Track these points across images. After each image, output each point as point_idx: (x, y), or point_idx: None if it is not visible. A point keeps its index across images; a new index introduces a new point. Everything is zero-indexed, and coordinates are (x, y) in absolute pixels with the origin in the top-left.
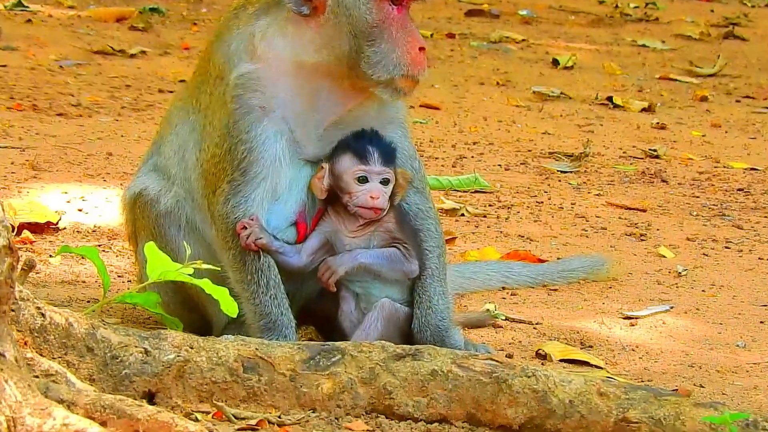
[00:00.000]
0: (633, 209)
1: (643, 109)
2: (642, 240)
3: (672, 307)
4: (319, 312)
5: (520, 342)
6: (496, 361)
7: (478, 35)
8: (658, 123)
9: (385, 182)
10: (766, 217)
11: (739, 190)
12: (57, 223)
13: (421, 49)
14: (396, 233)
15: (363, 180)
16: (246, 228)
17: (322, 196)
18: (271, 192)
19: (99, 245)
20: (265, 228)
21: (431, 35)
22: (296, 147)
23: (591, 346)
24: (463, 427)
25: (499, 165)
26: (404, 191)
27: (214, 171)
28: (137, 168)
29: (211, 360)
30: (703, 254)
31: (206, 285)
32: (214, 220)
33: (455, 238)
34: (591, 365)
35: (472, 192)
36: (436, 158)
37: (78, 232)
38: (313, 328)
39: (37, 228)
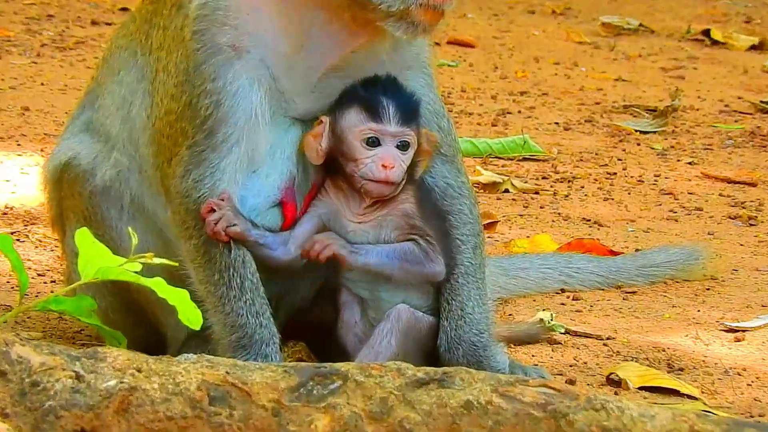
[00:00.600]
0: (739, 183)
1: (752, 47)
2: (751, 225)
3: None
4: (312, 323)
5: (585, 363)
6: (553, 388)
7: None
8: None
9: (403, 147)
10: None
11: None
12: None
13: None
14: (415, 219)
15: (373, 143)
16: (214, 211)
17: (319, 161)
18: (247, 161)
19: (12, 233)
20: (239, 210)
21: None
22: (280, 100)
23: (681, 369)
24: None
25: (557, 123)
26: (428, 160)
27: (169, 132)
28: (63, 128)
29: (166, 388)
30: None
31: (159, 286)
32: (170, 198)
33: (497, 222)
34: (681, 394)
35: (519, 159)
36: (470, 114)
37: None
38: (303, 344)
39: None
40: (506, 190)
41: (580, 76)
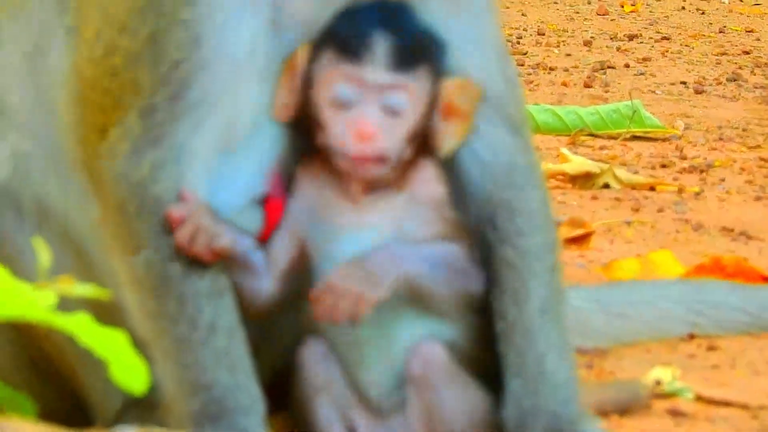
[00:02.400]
0: None
1: None
2: None
3: None
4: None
5: None
6: None
7: None
8: None
9: (391, 109)
10: None
11: None
12: None
13: None
14: (449, 210)
15: (346, 99)
16: (187, 220)
17: (284, 118)
18: (225, 135)
19: None
20: (214, 211)
21: None
22: (282, 38)
23: None
24: None
25: (684, 83)
26: (468, 123)
27: (108, 86)
28: None
29: None
30: None
31: (82, 329)
32: (102, 189)
33: (591, 234)
34: None
35: (626, 138)
36: (552, 69)
37: None
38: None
39: None
40: (606, 185)
41: (720, 10)
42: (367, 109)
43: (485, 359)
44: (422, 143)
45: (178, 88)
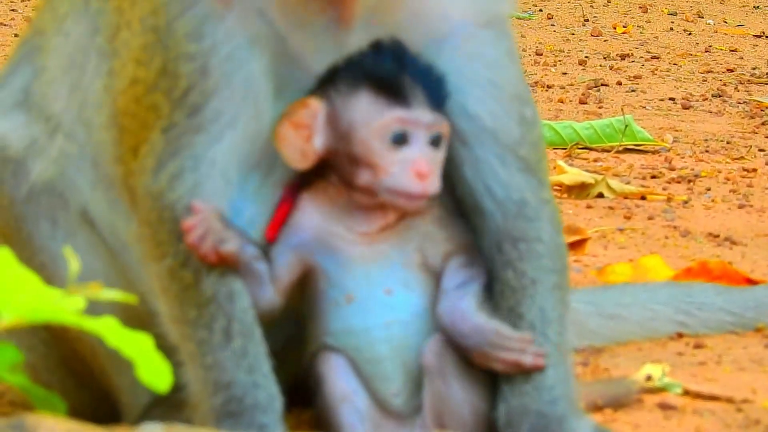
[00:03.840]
0: None
1: None
2: None
3: None
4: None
5: None
6: None
7: None
8: None
9: (435, 142)
10: None
11: None
12: None
13: None
14: (450, 225)
15: (401, 140)
16: (199, 223)
17: (306, 165)
18: (245, 152)
19: None
20: (226, 217)
21: None
22: (292, 67)
23: None
24: None
25: (672, 99)
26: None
27: (136, 110)
28: None
29: None
30: None
31: (110, 332)
32: (137, 203)
33: (586, 240)
34: None
35: (618, 151)
36: (549, 87)
37: None
38: (314, 412)
39: None
40: (600, 195)
41: (705, 31)
42: (423, 150)
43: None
44: None
45: (192, 110)
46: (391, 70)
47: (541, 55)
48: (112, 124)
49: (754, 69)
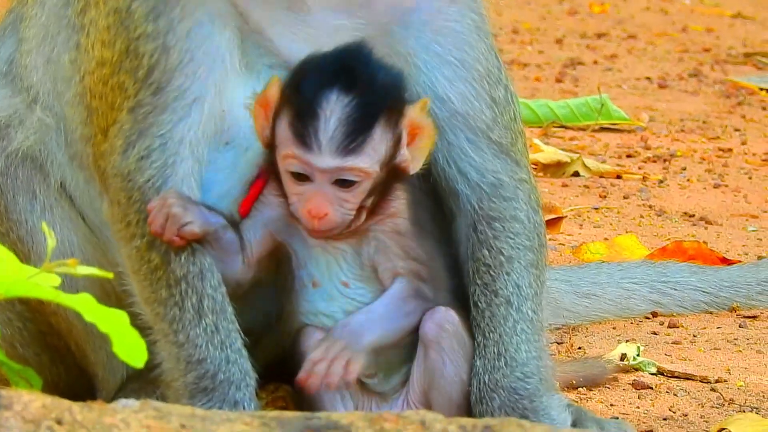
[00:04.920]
0: None
1: None
2: None
3: None
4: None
5: (685, 416)
6: None
7: None
8: None
9: (344, 183)
10: None
11: None
12: None
13: None
14: (409, 238)
15: (299, 177)
16: (159, 210)
17: (265, 144)
18: (214, 128)
19: None
20: (186, 197)
21: None
22: (257, 42)
23: None
24: None
25: (648, 78)
26: (433, 136)
27: (103, 91)
28: None
29: None
30: None
31: (86, 307)
32: (107, 184)
33: (562, 218)
34: None
35: (594, 130)
36: (525, 65)
37: None
38: (288, 388)
39: None
40: (576, 174)
41: (682, 11)
42: (320, 190)
43: None
44: (390, 178)
45: (156, 88)
46: (307, 108)
47: (518, 33)
48: (80, 101)
49: (730, 49)
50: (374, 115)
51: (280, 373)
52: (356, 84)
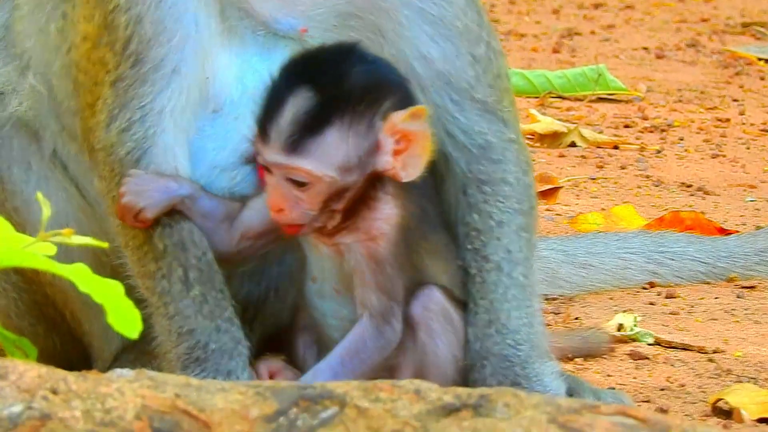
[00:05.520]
0: None
1: None
2: None
3: None
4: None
5: (682, 386)
6: (635, 417)
7: None
8: None
9: (298, 183)
10: None
11: None
12: None
13: None
14: (386, 266)
15: (266, 168)
16: (126, 190)
17: None
18: (199, 95)
19: None
20: (158, 175)
21: None
22: (238, 8)
23: None
24: None
25: (645, 48)
26: (429, 144)
27: (87, 67)
28: None
29: (92, 416)
30: None
31: (81, 277)
32: (95, 159)
33: (558, 189)
34: None
35: (591, 100)
36: (522, 36)
37: None
38: (284, 358)
39: None
40: (573, 144)
41: None
42: (277, 185)
43: None
44: (373, 185)
45: (134, 60)
46: (270, 98)
47: (515, 3)
48: (67, 74)
49: (728, 19)
50: (329, 117)
51: (278, 346)
52: (323, 82)
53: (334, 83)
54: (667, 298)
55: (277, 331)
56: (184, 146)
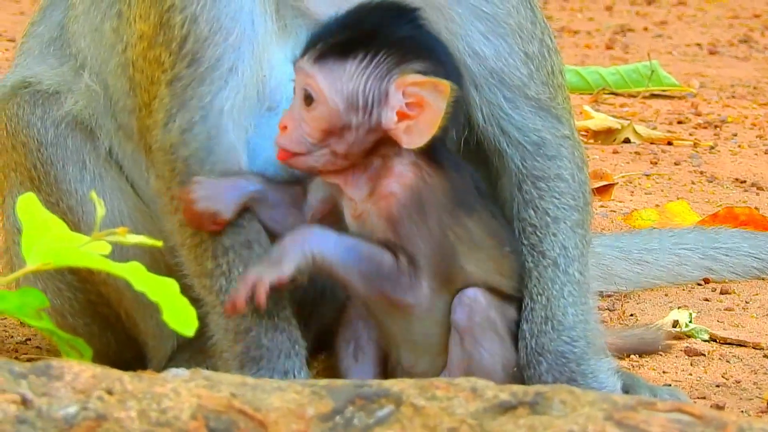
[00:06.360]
0: None
1: None
2: None
3: None
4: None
5: (738, 383)
6: (692, 414)
7: None
8: None
9: (308, 100)
10: None
11: None
12: None
13: None
14: (402, 225)
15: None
16: (188, 202)
17: None
18: (255, 94)
19: None
20: (224, 176)
21: None
22: (292, 7)
23: None
24: None
25: (699, 44)
26: (438, 119)
27: (143, 66)
28: (19, 49)
29: (148, 416)
30: None
31: (136, 276)
32: (153, 159)
33: (613, 185)
34: None
35: (645, 96)
36: (576, 32)
37: None
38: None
39: None
40: (627, 140)
41: None
42: (293, 105)
43: None
44: (378, 141)
45: (191, 59)
46: (324, 23)
47: (568, 0)
48: (123, 72)
49: None
50: (357, 48)
51: (332, 343)
52: (371, 19)
53: (379, 24)
54: (721, 294)
55: (331, 328)
56: (243, 144)
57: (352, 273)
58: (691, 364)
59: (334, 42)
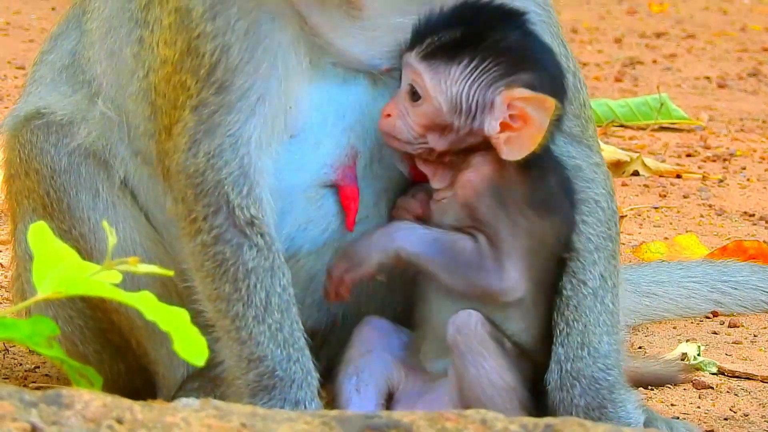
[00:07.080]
0: None
1: None
2: None
3: None
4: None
5: (746, 416)
6: None
7: None
8: None
9: (413, 95)
10: None
11: None
12: None
13: None
14: (481, 211)
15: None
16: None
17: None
18: (283, 124)
19: None
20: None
21: None
22: (320, 45)
23: None
24: None
25: (708, 78)
26: (539, 135)
27: (166, 90)
28: (30, 77)
29: None
30: None
31: (147, 305)
32: (172, 182)
33: (622, 218)
34: None
35: (654, 129)
36: (585, 65)
37: None
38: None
39: None
40: (635, 173)
41: (741, 10)
42: (398, 93)
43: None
44: (472, 146)
45: (219, 87)
46: (436, 15)
47: (577, 32)
48: (144, 97)
49: None
50: (467, 53)
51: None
52: (484, 23)
53: (487, 26)
54: (730, 327)
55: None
56: (269, 174)
57: (436, 264)
58: (699, 397)
59: (442, 41)
